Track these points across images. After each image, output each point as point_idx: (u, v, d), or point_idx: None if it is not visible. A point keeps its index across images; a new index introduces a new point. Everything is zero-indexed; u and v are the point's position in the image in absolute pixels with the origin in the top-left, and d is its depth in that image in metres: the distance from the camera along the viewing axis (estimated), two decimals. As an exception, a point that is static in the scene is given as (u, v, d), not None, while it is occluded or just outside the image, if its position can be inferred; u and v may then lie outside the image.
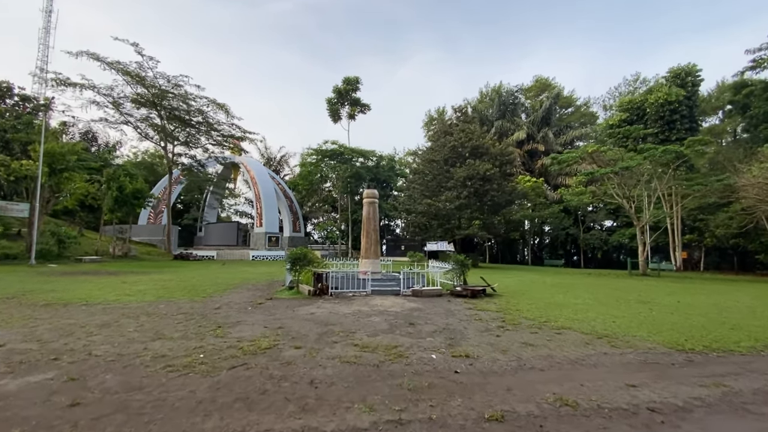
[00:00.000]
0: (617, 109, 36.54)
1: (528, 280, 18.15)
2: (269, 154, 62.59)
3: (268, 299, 10.27)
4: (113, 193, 27.33)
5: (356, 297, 10.87)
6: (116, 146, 49.59)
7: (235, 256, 37.27)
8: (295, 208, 48.06)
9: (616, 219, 44.03)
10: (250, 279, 15.85)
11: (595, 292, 13.37)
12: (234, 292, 11.75)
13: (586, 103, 60.71)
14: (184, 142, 34.92)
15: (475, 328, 6.94)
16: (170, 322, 7.19)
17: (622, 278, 21.61)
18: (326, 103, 50.54)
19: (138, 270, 19.43)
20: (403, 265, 15.72)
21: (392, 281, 12.59)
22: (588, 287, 15.24)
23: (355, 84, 49.57)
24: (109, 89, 28.88)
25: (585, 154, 24.74)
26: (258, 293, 11.49)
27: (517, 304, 10.10)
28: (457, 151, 29.80)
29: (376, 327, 6.93)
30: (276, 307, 9.09)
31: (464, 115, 32.20)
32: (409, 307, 9.20)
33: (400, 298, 10.68)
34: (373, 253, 13.97)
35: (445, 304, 9.96)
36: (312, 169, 44.70)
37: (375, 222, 14.30)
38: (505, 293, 12.31)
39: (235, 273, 18.83)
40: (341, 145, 43.11)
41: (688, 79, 32.61)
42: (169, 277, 15.62)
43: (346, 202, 48.64)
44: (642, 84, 54.36)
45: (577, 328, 7.12)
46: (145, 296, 10.42)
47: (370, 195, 14.39)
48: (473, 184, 27.94)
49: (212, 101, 32.42)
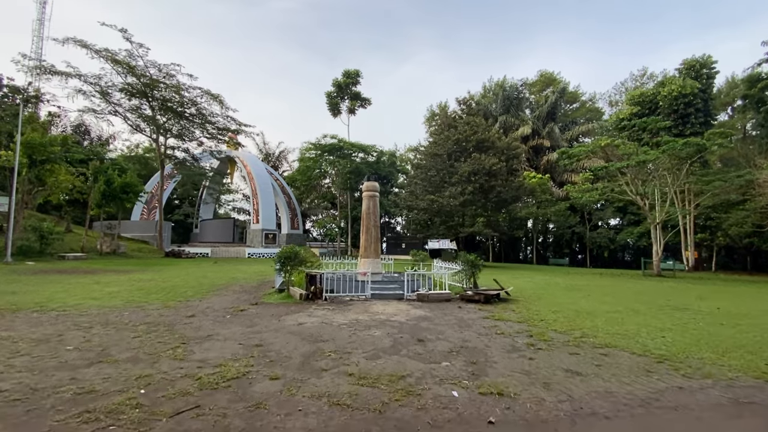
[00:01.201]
0: (627, 102, 35.10)
1: (539, 281, 16.84)
2: (268, 150, 61.19)
3: (252, 304, 8.96)
4: (101, 186, 25.99)
5: (354, 302, 9.56)
6: (109, 140, 48.27)
7: (231, 253, 35.99)
8: (293, 204, 46.73)
9: (624, 217, 42.73)
10: (239, 279, 14.55)
11: (619, 296, 12.06)
12: (217, 294, 10.44)
13: (591, 99, 59.28)
14: (177, 134, 33.53)
15: (500, 346, 5.62)
16: (126, 336, 5.88)
17: (637, 279, 20.31)
18: (326, 97, 49.17)
19: (121, 268, 18.13)
20: (406, 265, 14.42)
21: (394, 284, 11.29)
22: (608, 290, 13.93)
23: (356, 77, 48.19)
24: (96, 78, 27.48)
25: (597, 148, 23.38)
26: (243, 296, 10.18)
27: (539, 311, 8.79)
28: (462, 145, 28.43)
29: (376, 344, 5.61)
30: (260, 315, 7.77)
31: (469, 108, 30.83)
32: (415, 316, 7.89)
33: (404, 304, 9.37)
34: (373, 251, 12.66)
35: (456, 311, 8.65)
36: (311, 164, 43.30)
37: (375, 218, 12.99)
38: (520, 297, 11.01)
39: (225, 272, 17.53)
40: (341, 140, 41.72)
41: (703, 71, 31.17)
42: (150, 277, 14.31)
43: (346, 199, 47.28)
44: (649, 79, 52.90)
45: (624, 345, 5.80)
46: (113, 300, 9.11)
47: (370, 188, 13.07)
48: (478, 179, 26.59)
49: (206, 92, 31.02)
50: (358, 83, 48.68)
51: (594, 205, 44.30)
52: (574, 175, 45.84)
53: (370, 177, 12.43)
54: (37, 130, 25.03)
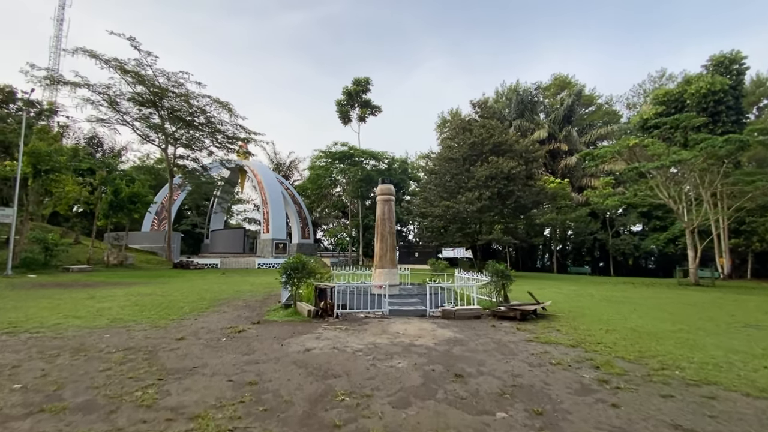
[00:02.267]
0: (651, 102, 33.45)
1: (570, 292, 15.36)
2: (278, 159, 60.87)
3: (254, 323, 7.82)
4: (108, 197, 25.47)
5: (370, 319, 8.33)
6: (122, 152, 48.39)
7: (241, 264, 35.16)
8: (304, 213, 45.92)
9: (648, 223, 40.68)
10: (245, 292, 13.47)
11: (671, 310, 10.57)
12: (216, 311, 9.34)
13: (608, 102, 57.63)
14: (186, 144, 33.10)
15: (564, 384, 4.33)
16: (93, 369, 4.78)
17: (676, 289, 18.61)
18: (336, 105, 48.68)
19: (124, 281, 17.25)
20: (425, 276, 13.17)
21: (414, 297, 10.02)
22: (652, 302, 12.42)
23: (365, 85, 47.62)
24: (105, 87, 27.19)
25: (624, 148, 21.89)
26: (245, 313, 9.05)
27: (589, 331, 7.43)
28: (477, 148, 27.18)
29: (403, 381, 4.38)
30: (260, 337, 6.61)
31: (484, 110, 29.60)
32: (444, 339, 6.63)
33: (427, 322, 8.11)
34: (389, 261, 11.44)
35: (490, 331, 7.36)
36: (321, 172, 42.51)
37: (391, 224, 11.80)
38: (558, 313, 9.63)
39: (232, 284, 16.49)
40: (351, 147, 40.92)
41: (733, 67, 29.46)
42: (150, 291, 13.33)
43: (357, 207, 46.31)
44: (668, 80, 51.10)
45: (726, 382, 4.45)
46: (99, 319, 8.07)
47: (384, 191, 11.91)
48: (496, 184, 25.25)
49: (215, 100, 30.56)
50: (368, 91, 48.08)
51: (616, 210, 42.45)
52: (594, 179, 44.10)
53: (385, 180, 11.30)
54: (45, 139, 24.72)
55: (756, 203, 22.96)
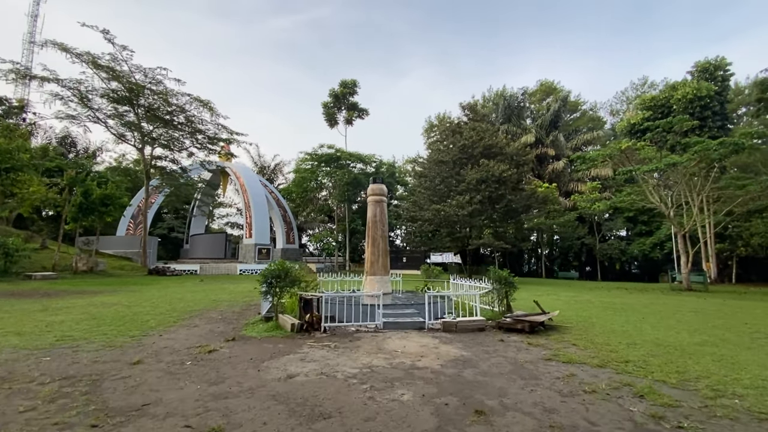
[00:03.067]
0: (638, 107, 33.62)
1: (567, 299, 14.70)
2: (263, 162, 59.34)
3: (228, 340, 6.76)
4: (77, 199, 23.80)
5: (362, 334, 7.37)
6: (96, 152, 46.19)
7: (221, 270, 33.65)
8: (288, 218, 44.59)
9: (634, 227, 40.88)
10: (222, 301, 12.31)
11: (679, 318, 9.92)
12: (186, 325, 8.22)
13: (592, 108, 58.35)
14: (164, 144, 31.54)
15: (612, 423, 3.47)
16: (12, 407, 3.69)
17: (671, 294, 18.22)
18: (322, 108, 47.78)
19: (90, 289, 15.81)
20: (420, 284, 12.28)
21: (410, 307, 9.10)
22: (655, 309, 11.80)
23: (353, 87, 46.94)
24: (76, 83, 25.56)
25: (616, 151, 21.57)
26: (220, 327, 7.97)
27: (608, 345, 6.64)
28: (467, 151, 26.59)
29: (411, 423, 3.44)
30: (233, 360, 5.57)
31: (473, 113, 29.09)
32: (450, 357, 5.73)
33: (427, 337, 7.19)
34: (381, 267, 10.51)
35: (499, 347, 6.50)
36: (307, 175, 41.33)
37: (384, 226, 10.89)
38: (566, 323, 8.86)
39: (209, 292, 15.26)
40: (338, 149, 39.95)
41: (718, 73, 29.80)
42: (115, 300, 12.04)
43: (344, 212, 45.27)
44: (650, 87, 52.07)
45: (802, 416, 3.68)
46: (44, 336, 6.87)
47: (376, 191, 11.01)
48: (487, 187, 24.65)
49: (195, 98, 29.19)
50: (356, 93, 47.39)
51: (603, 215, 42.55)
52: (581, 184, 44.20)
53: (376, 179, 10.41)
54: (11, 137, 22.99)
55: (746, 208, 22.92)
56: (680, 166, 19.60)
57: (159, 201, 39.78)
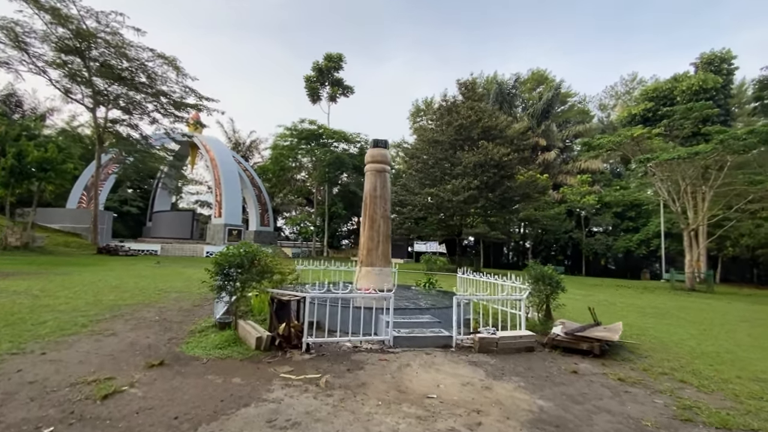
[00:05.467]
0: (640, 98, 32.22)
1: (582, 298, 12.76)
2: (237, 138, 55.18)
3: (152, 366, 4.18)
4: (8, 162, 20.06)
5: (363, 356, 4.94)
6: (47, 114, 41.09)
7: (186, 251, 30.41)
8: (264, 198, 41.32)
9: (621, 223, 40.10)
10: (171, 292, 9.58)
11: (753, 332, 8.04)
12: (96, 332, 5.53)
13: (581, 101, 57.32)
14: (123, 107, 27.59)
15: None
16: None
17: (683, 295, 16.75)
18: (304, 82, 44.36)
19: (7, 269, 12.62)
20: (425, 279, 9.91)
21: (426, 313, 6.72)
22: (699, 317, 9.97)
23: (338, 62, 43.73)
24: (10, 22, 21.40)
25: (627, 138, 19.82)
26: (148, 338, 5.33)
27: (730, 383, 4.49)
28: (465, 132, 24.27)
29: None
30: (144, 417, 3.04)
31: (472, 92, 26.74)
32: (523, 415, 3.40)
33: (463, 362, 4.84)
34: (381, 256, 8.10)
35: (581, 385, 4.24)
36: (285, 152, 38.05)
37: (385, 203, 8.42)
38: (626, 339, 6.74)
39: (159, 278, 12.43)
40: (321, 126, 36.83)
41: (723, 66, 28.58)
42: (25, 287, 9.07)
43: (323, 194, 42.38)
44: (639, 84, 51.40)
45: None
46: None
47: (377, 157, 8.48)
48: (485, 172, 22.51)
49: (159, 55, 25.39)
50: (341, 68, 44.23)
51: (591, 209, 41.59)
52: (570, 177, 43.03)
53: (379, 142, 7.76)
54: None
55: (750, 206, 21.75)
56: (695, 158, 17.99)
57: (117, 172, 35.66)
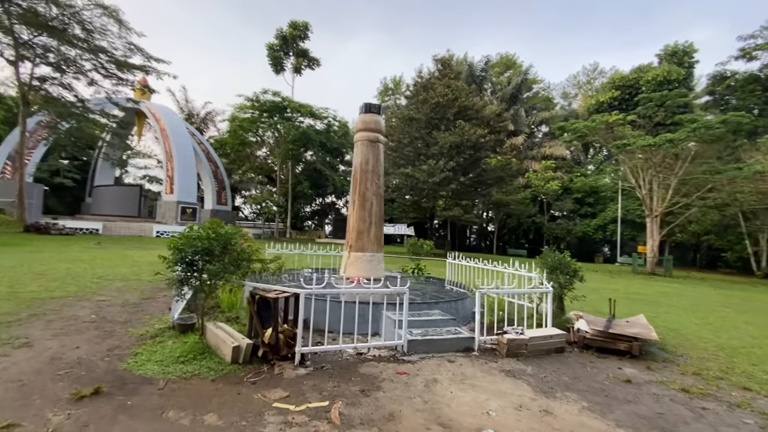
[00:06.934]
0: (607, 86, 32.82)
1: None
2: (191, 109, 50.60)
3: (84, 396, 2.87)
4: None
5: (375, 368, 3.89)
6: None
7: (133, 230, 27.58)
8: (221, 175, 38.38)
9: (580, 208, 41.59)
10: (114, 280, 7.91)
11: (754, 321, 7.87)
12: (7, 343, 4.02)
13: (545, 89, 58.30)
14: (54, 64, 23.77)
15: None
16: None
17: (654, 280, 17.19)
18: (267, 50, 41.29)
19: None
20: (413, 264, 8.98)
21: (432, 307, 5.73)
22: (686, 303, 9.87)
23: (304, 30, 40.99)
24: None
25: (602, 124, 19.85)
26: (80, 349, 3.92)
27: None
28: (441, 111, 23.33)
29: None
30: None
31: (448, 69, 25.72)
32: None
33: (496, 371, 3.92)
34: (373, 240, 7.00)
35: (647, 400, 3.46)
36: (246, 124, 35.26)
37: (379, 180, 7.27)
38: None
39: (99, 262, 10.53)
40: (285, 98, 34.36)
41: (685, 59, 29.56)
42: None
43: (287, 173, 40.15)
44: (599, 74, 53.01)
45: None
46: None
47: (370, 124, 7.25)
48: (461, 153, 21.82)
49: (97, 3, 21.98)
50: (307, 38, 41.55)
51: (554, 195, 42.73)
52: (535, 162, 43.78)
53: (372, 107, 6.50)
54: None
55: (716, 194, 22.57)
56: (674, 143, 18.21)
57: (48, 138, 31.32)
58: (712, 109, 35.16)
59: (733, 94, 31.72)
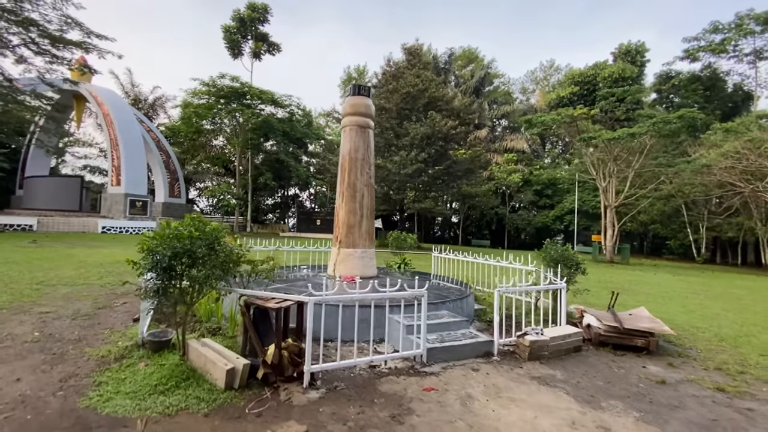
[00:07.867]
0: (566, 82, 33.98)
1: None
2: (137, 93, 46.50)
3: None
4: None
5: (396, 384, 3.38)
6: None
7: (73, 226, 25.04)
8: (173, 165, 35.79)
9: (540, 200, 43.24)
10: (58, 286, 6.74)
11: (724, 306, 8.20)
12: None
13: (505, 83, 59.73)
14: (-29, 36, 20.62)
15: None
16: None
17: (618, 268, 17.98)
18: (223, 32, 38.88)
19: None
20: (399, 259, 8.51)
21: (439, 307, 5.26)
22: (653, 290, 10.23)
23: (263, 13, 38.98)
24: None
25: (567, 117, 20.40)
26: (23, 381, 3.08)
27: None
28: (410, 102, 22.94)
29: None
30: None
31: (417, 58, 25.32)
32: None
33: (530, 382, 3.55)
34: (364, 235, 6.44)
35: (692, 403, 3.23)
36: (201, 111, 32.92)
37: (370, 169, 6.68)
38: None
39: (38, 264, 9.10)
40: (245, 83, 32.41)
41: (637, 58, 31.19)
42: None
43: (246, 163, 38.18)
44: (555, 71, 55.06)
45: None
46: None
47: (360, 108, 6.62)
48: (432, 144, 21.60)
49: (24, -32, 19.24)
50: (267, 21, 39.53)
51: (515, 187, 44.12)
52: (498, 155, 44.80)
53: (361, 89, 5.87)
54: None
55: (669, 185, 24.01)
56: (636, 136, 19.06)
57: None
58: (658, 107, 37.62)
59: (678, 92, 34.10)
